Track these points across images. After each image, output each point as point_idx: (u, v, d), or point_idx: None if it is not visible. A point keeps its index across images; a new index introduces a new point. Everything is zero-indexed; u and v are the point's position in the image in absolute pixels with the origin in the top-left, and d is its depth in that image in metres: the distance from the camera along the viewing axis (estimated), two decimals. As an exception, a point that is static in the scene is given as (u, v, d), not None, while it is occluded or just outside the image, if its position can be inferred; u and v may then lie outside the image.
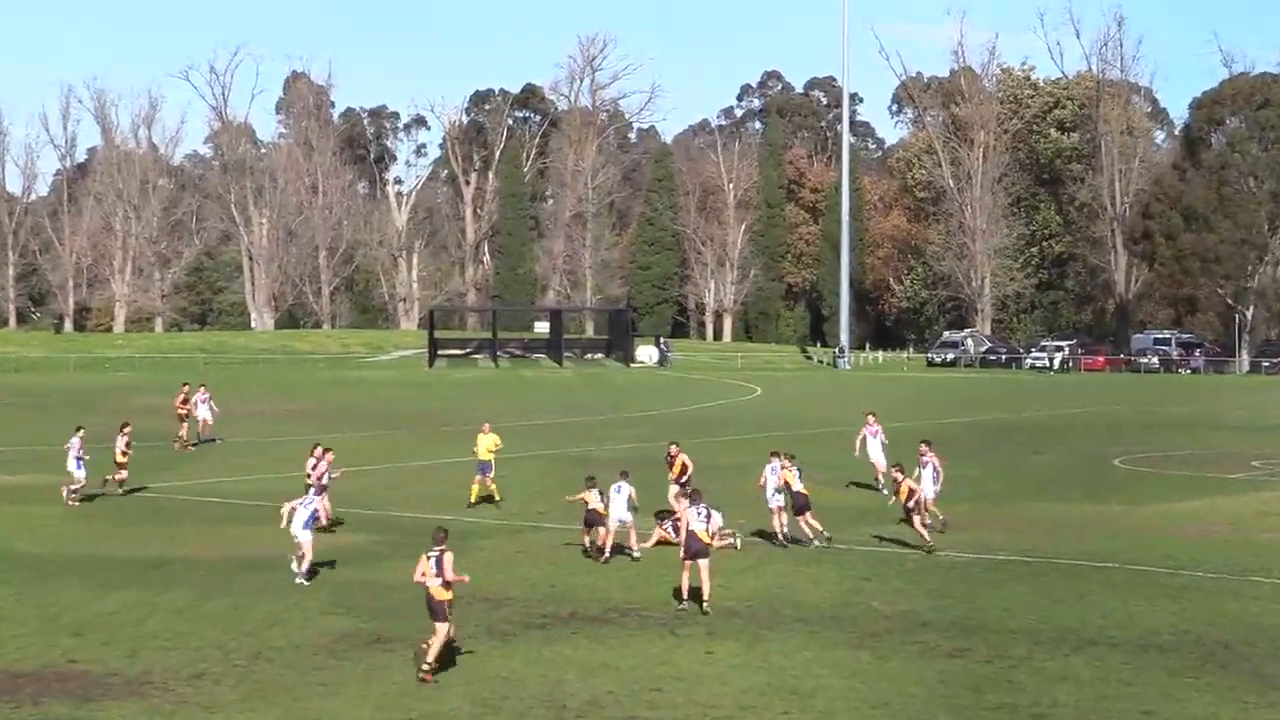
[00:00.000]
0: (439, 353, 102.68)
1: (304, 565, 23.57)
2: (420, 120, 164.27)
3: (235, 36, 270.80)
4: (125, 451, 33.73)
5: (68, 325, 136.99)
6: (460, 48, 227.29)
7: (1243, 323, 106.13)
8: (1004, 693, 17.15)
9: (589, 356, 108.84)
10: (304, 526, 23.53)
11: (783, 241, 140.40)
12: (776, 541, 26.88)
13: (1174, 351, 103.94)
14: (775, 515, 27.05)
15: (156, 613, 21.20)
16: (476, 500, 31.94)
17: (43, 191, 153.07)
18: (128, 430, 34.29)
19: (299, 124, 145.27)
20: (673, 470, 29.49)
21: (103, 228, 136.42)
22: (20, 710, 16.41)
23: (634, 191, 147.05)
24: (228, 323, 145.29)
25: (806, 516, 26.64)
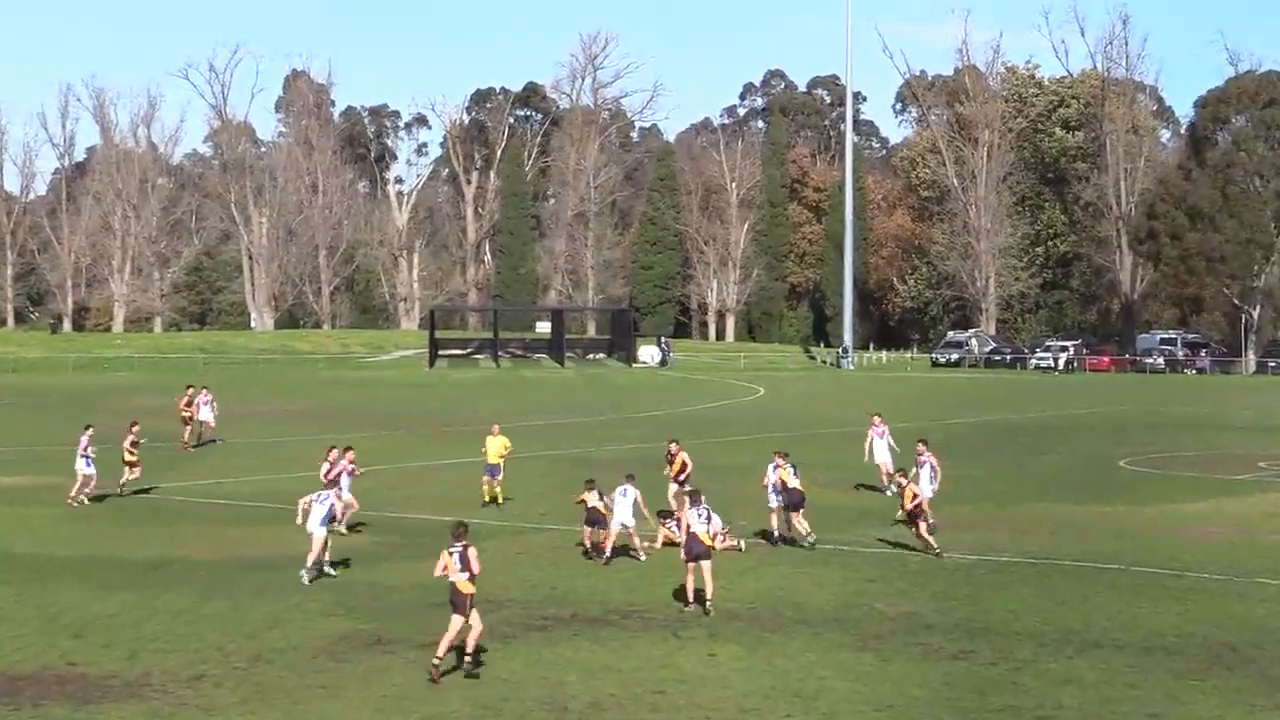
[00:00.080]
0: (440, 353, 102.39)
1: (309, 560, 23.52)
2: (421, 119, 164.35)
3: (235, 35, 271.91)
4: (130, 449, 33.68)
5: (66, 325, 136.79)
6: (461, 46, 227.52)
7: (1249, 322, 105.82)
8: (1008, 695, 17.07)
9: (591, 357, 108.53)
10: (321, 523, 23.60)
11: (786, 241, 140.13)
12: (772, 539, 26.88)
13: (1180, 352, 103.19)
14: (774, 515, 27.06)
15: (156, 614, 21.14)
16: (489, 500, 32.00)
17: (41, 191, 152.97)
18: (136, 429, 34.28)
19: (299, 123, 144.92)
20: (672, 468, 29.51)
21: (101, 227, 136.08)
22: (19, 712, 16.37)
23: (636, 191, 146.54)
24: (227, 323, 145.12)
25: (798, 515, 26.61)
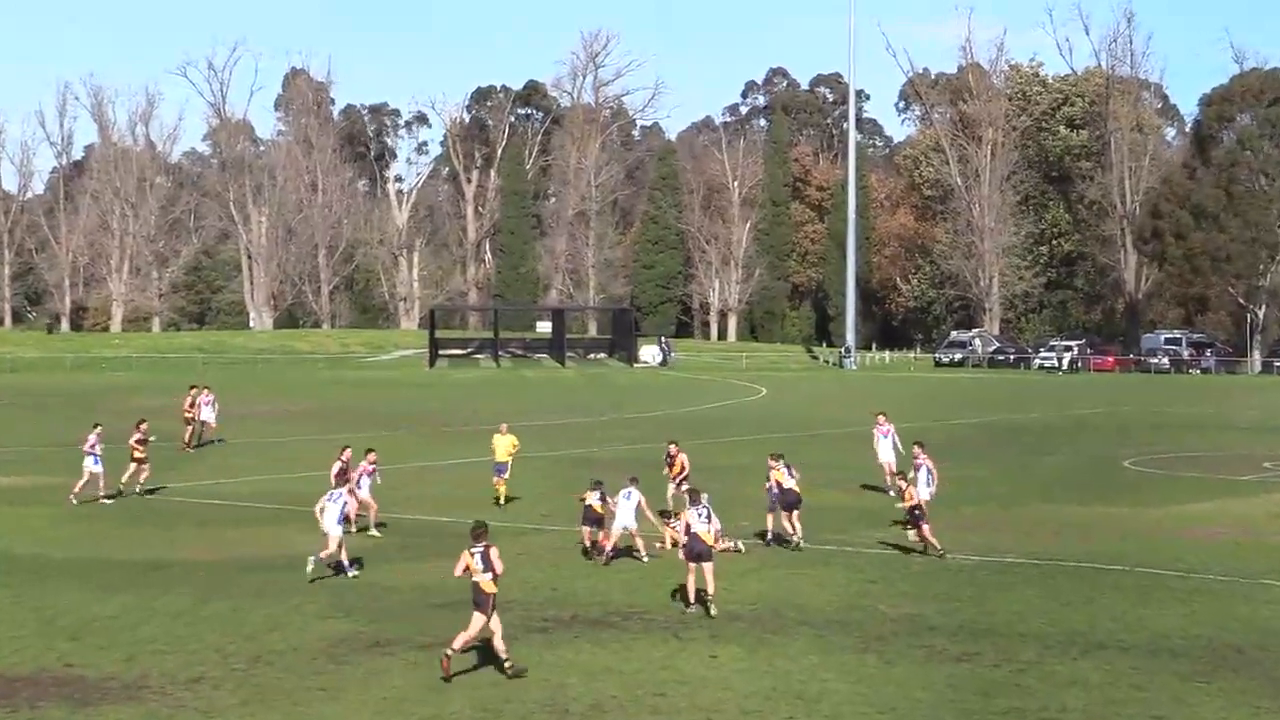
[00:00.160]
0: (440, 353, 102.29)
1: (322, 554, 23.52)
2: (421, 117, 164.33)
3: (234, 32, 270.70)
4: (139, 447, 33.61)
5: (64, 325, 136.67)
6: (462, 44, 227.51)
7: (1254, 322, 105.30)
8: (1013, 697, 16.97)
9: (592, 356, 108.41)
10: (337, 522, 23.66)
11: (788, 240, 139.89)
12: (766, 539, 26.85)
13: (1185, 351, 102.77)
14: (770, 515, 27.04)
15: (155, 616, 21.05)
16: (504, 500, 32.04)
17: (39, 189, 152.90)
18: (144, 427, 34.27)
19: (298, 121, 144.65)
20: (672, 470, 29.45)
21: (100, 226, 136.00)
22: (17, 714, 16.30)
23: (637, 189, 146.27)
24: (226, 322, 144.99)
25: (792, 515, 26.52)
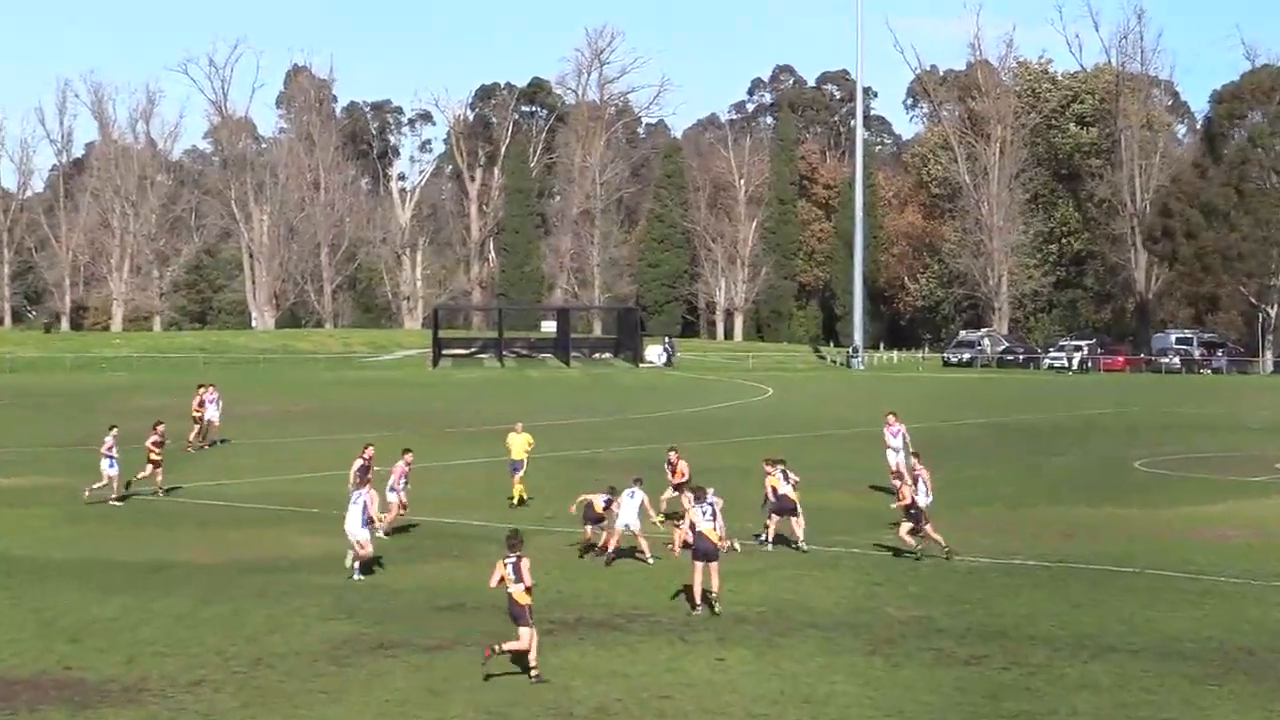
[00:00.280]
0: (443, 352, 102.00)
1: (358, 560, 23.58)
2: (424, 115, 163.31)
3: (235, 29, 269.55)
4: (155, 448, 33.61)
5: (63, 324, 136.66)
6: (465, 41, 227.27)
7: (1266, 321, 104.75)
8: (1022, 700, 16.84)
9: (596, 356, 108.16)
10: (362, 525, 23.67)
11: (795, 239, 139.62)
12: (760, 540, 26.76)
13: (1195, 351, 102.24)
14: (770, 518, 27.02)
15: (155, 618, 20.94)
16: (522, 499, 32.13)
17: (39, 188, 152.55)
18: (160, 428, 34.21)
19: (300, 119, 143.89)
20: (673, 477, 29.48)
21: (100, 224, 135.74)
22: (16, 717, 16.21)
23: (643, 187, 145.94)
24: (227, 322, 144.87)
25: (792, 521, 26.45)
